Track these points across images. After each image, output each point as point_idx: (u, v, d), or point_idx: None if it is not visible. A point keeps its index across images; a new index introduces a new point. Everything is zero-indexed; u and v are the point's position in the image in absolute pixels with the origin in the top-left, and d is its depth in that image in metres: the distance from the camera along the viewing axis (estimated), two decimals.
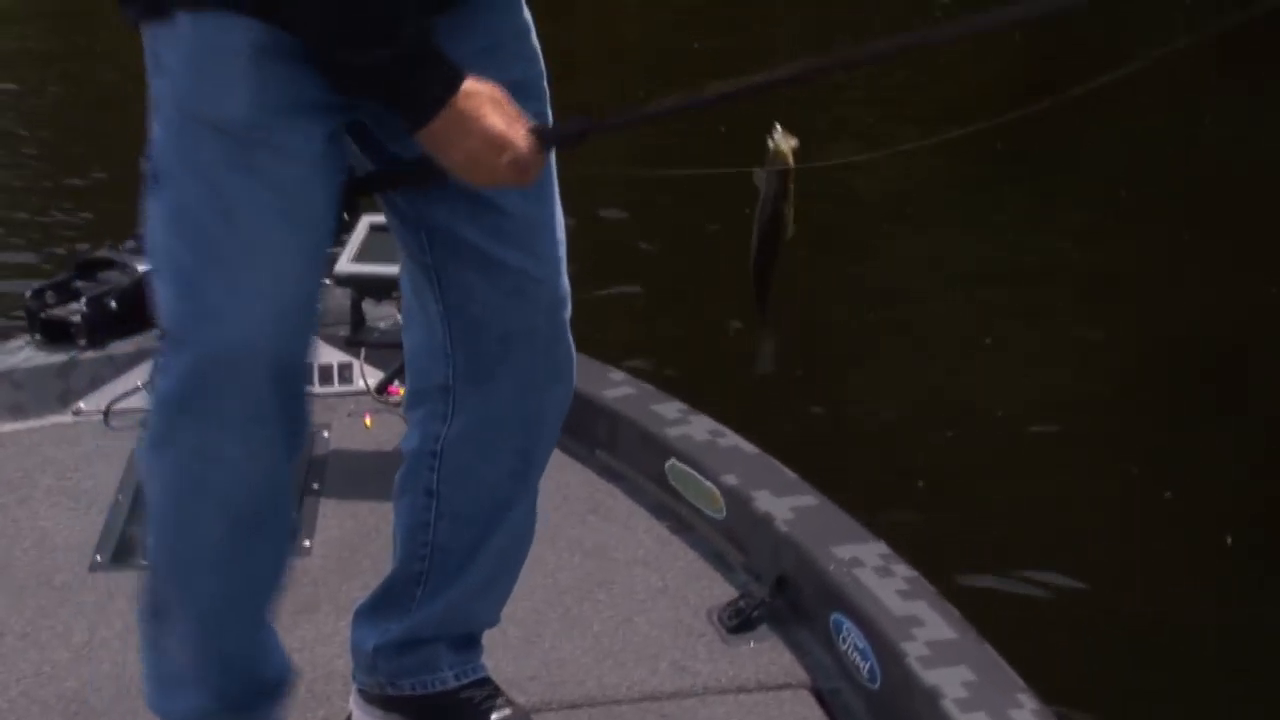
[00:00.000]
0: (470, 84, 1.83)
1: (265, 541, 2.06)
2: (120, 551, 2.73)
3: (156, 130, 1.93)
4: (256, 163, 1.90)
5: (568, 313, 2.17)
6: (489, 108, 1.84)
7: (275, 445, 2.00)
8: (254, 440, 1.96)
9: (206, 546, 2.02)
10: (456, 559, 2.21)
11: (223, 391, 1.92)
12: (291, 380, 1.99)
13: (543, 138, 1.92)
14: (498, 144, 1.83)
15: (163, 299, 1.93)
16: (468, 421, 2.16)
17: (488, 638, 2.28)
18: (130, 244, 3.40)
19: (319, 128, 1.96)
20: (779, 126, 1.93)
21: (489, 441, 2.18)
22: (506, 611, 2.26)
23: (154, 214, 1.93)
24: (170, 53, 1.92)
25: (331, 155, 1.98)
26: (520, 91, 1.96)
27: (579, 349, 2.22)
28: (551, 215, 2.15)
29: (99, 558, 2.70)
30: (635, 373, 3.22)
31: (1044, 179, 5.90)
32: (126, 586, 2.52)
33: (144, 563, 2.07)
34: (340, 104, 1.96)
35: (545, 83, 2.10)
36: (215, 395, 1.92)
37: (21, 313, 3.37)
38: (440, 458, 2.16)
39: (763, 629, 2.43)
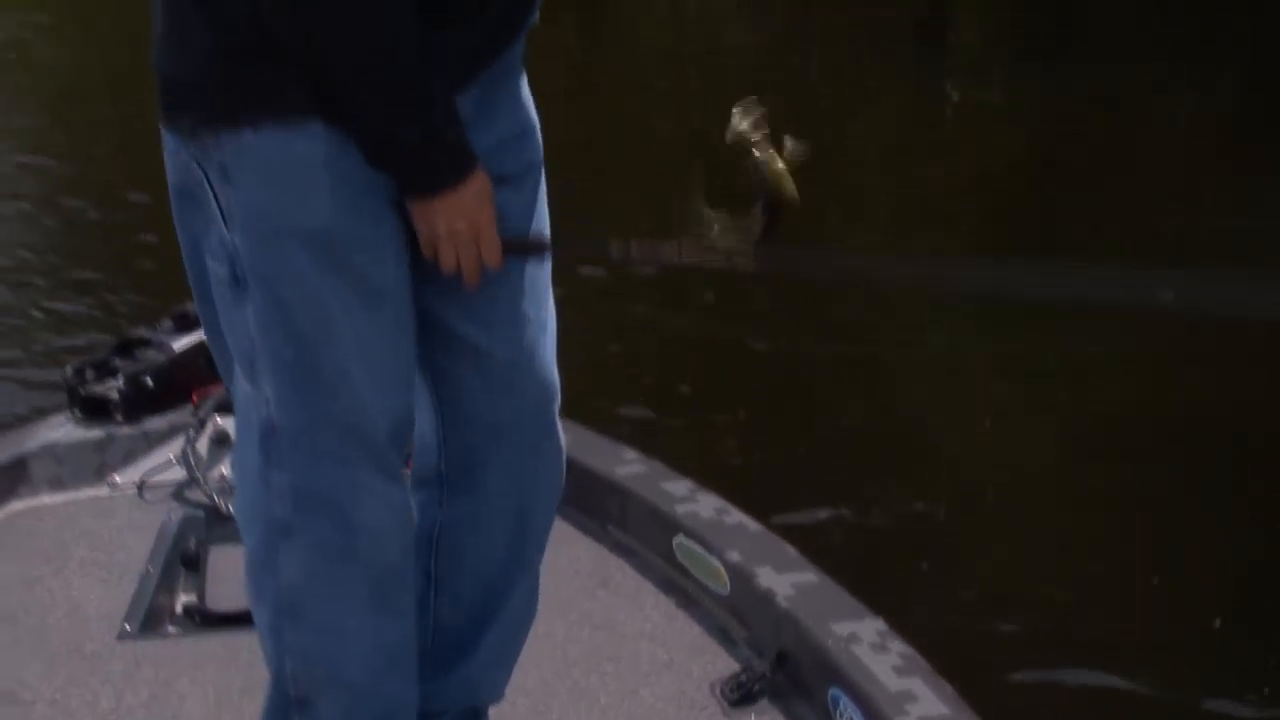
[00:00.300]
0: (479, 175, 1.89)
1: (406, 591, 2.08)
2: (148, 620, 2.74)
3: (234, 239, 1.94)
4: (342, 262, 1.93)
5: (557, 406, 2.18)
6: (485, 201, 1.91)
7: (404, 494, 2.05)
8: (388, 497, 2.01)
9: (354, 614, 2.03)
10: (458, 638, 2.20)
11: (349, 463, 1.97)
12: (407, 436, 2.06)
13: (508, 246, 1.98)
14: (477, 237, 1.91)
15: (272, 396, 1.96)
16: (461, 508, 2.16)
17: (496, 710, 2.27)
18: (166, 324, 3.42)
19: (391, 219, 1.98)
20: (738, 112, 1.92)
21: (482, 528, 2.18)
22: (515, 683, 2.25)
23: (246, 318, 1.96)
24: (241, 164, 1.92)
25: (403, 242, 2.00)
26: (520, 184, 2.04)
27: (593, 425, 2.22)
28: (542, 310, 2.16)
29: (128, 627, 2.70)
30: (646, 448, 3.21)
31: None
32: (153, 655, 2.57)
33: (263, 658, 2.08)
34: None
35: (543, 177, 2.13)
36: (342, 470, 1.97)
37: (63, 389, 3.37)
38: (436, 542, 2.15)
39: (763, 703, 2.42)
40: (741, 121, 1.89)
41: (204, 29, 1.92)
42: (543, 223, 2.17)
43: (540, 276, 2.15)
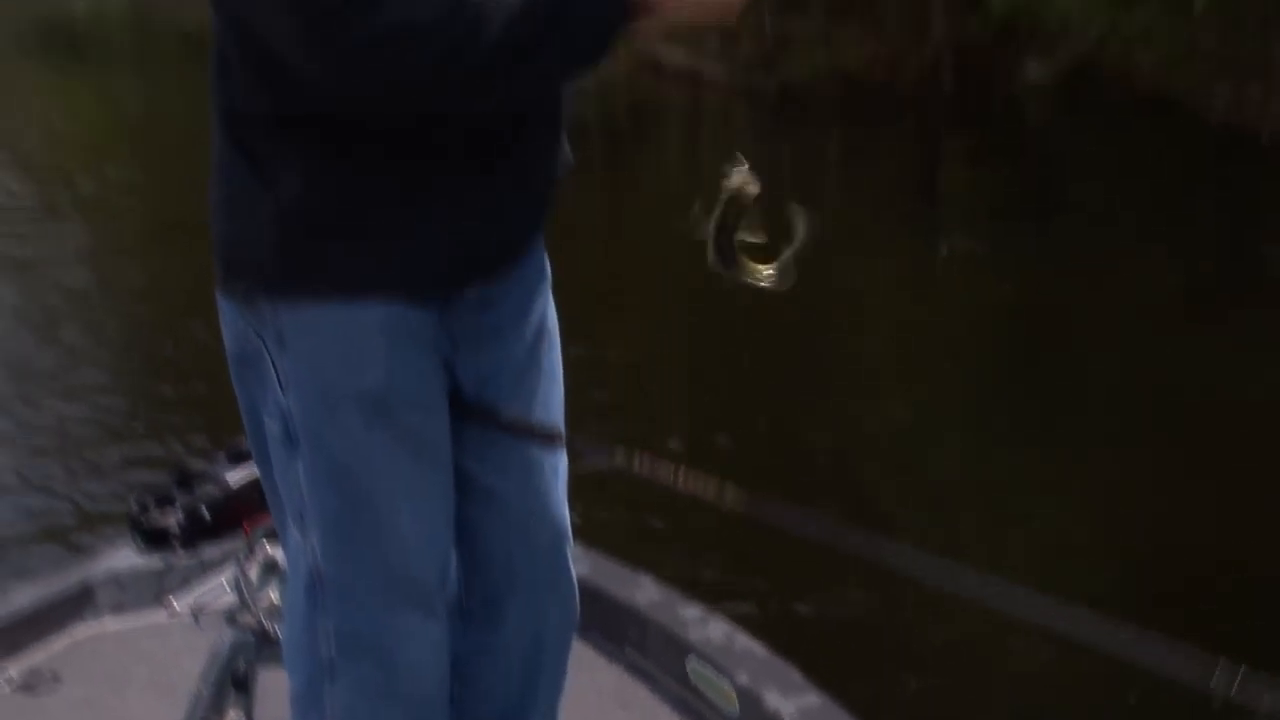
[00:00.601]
0: None
1: (442, 712, 2.09)
2: None
3: (288, 401, 1.95)
4: (393, 419, 1.94)
5: (569, 547, 2.18)
6: None
7: (444, 628, 2.05)
8: (430, 634, 2.02)
9: None
10: None
11: (393, 608, 1.99)
12: (449, 573, 2.07)
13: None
14: None
15: (319, 547, 1.98)
16: (481, 638, 2.16)
17: None
18: (221, 457, 3.40)
19: (438, 374, 2.00)
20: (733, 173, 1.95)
21: (499, 657, 2.18)
22: None
23: (297, 473, 1.97)
24: (298, 333, 1.94)
25: (445, 394, 2.01)
26: (535, 355, 2.09)
27: (611, 543, 2.23)
28: (555, 455, 2.16)
29: None
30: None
31: (1046, 402, 5.86)
32: None
33: None
34: (445, 349, 2.00)
35: (558, 350, 2.17)
36: (386, 615, 1.99)
37: (127, 520, 3.43)
38: (457, 669, 2.14)
39: None
40: (733, 178, 1.93)
41: (262, 201, 1.93)
42: (555, 397, 2.17)
43: (553, 419, 2.15)
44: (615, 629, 3.02)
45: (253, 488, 3.24)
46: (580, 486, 2.19)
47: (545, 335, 2.14)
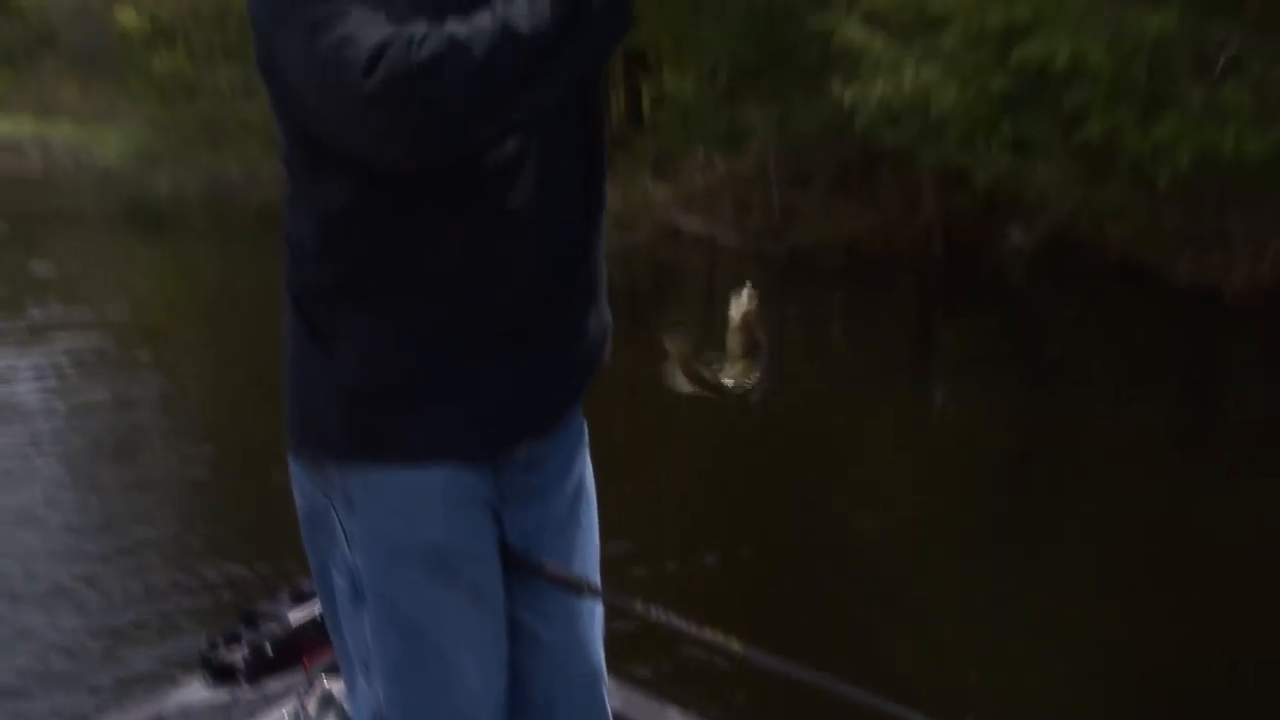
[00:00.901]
0: None
1: None
2: None
3: (355, 558, 1.95)
4: (453, 572, 1.94)
5: (605, 684, 2.17)
6: None
7: None
8: None
9: None
10: None
11: None
12: (502, 716, 2.03)
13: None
14: None
15: (383, 694, 1.97)
16: None
17: None
18: (284, 597, 3.52)
19: (491, 529, 1.99)
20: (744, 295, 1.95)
21: None
22: None
23: (363, 625, 1.97)
24: (365, 497, 1.94)
25: (497, 546, 2.01)
26: (575, 514, 2.11)
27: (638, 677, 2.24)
28: (593, 603, 2.15)
29: None
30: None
31: (1033, 541, 5.87)
32: None
33: None
34: (496, 505, 2.00)
35: (594, 508, 2.18)
36: None
37: (197, 656, 3.47)
38: None
39: None
40: (735, 306, 1.94)
41: (326, 374, 1.94)
42: (592, 551, 2.17)
43: (590, 572, 2.15)
44: None
45: (312, 626, 3.33)
46: (610, 630, 2.20)
47: (584, 493, 2.14)
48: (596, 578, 2.15)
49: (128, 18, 19.72)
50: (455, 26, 1.63)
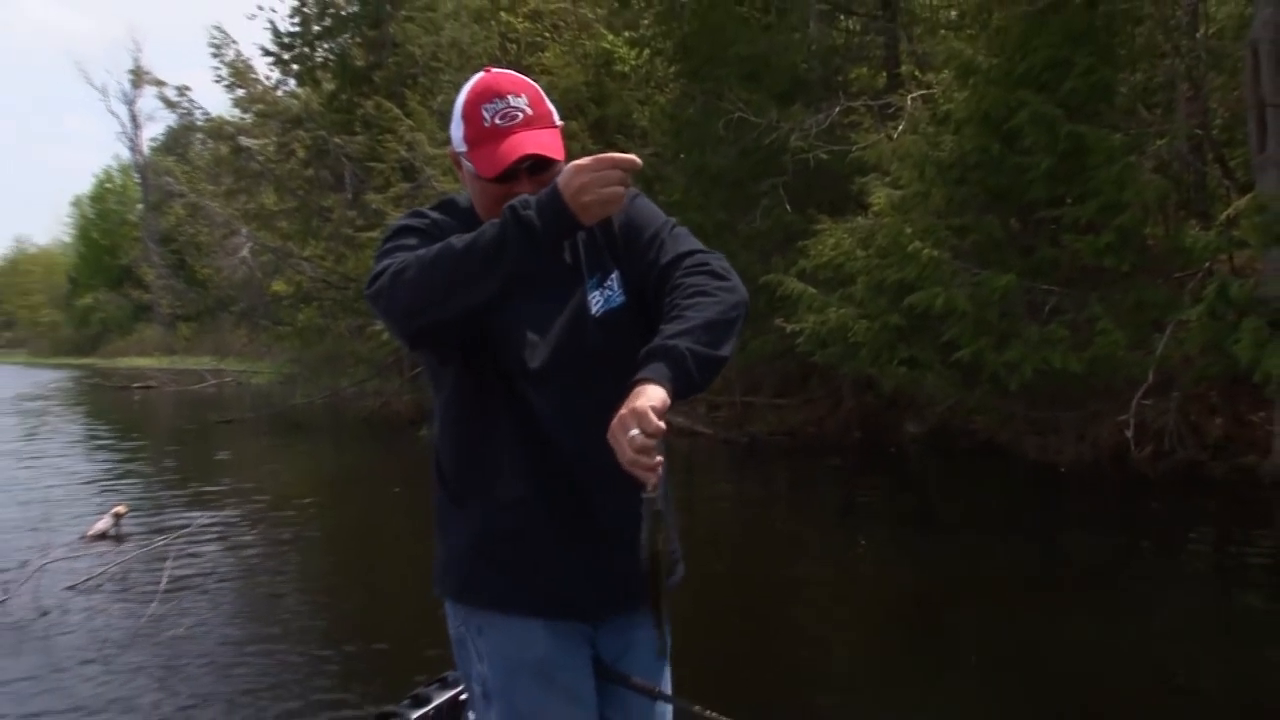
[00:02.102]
0: (561, 180, 1.68)
1: None
2: None
3: (484, 670, 1.91)
4: (554, 681, 1.89)
5: None
6: (575, 175, 1.68)
7: None
8: None
9: None
10: None
11: None
12: None
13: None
14: (596, 180, 1.67)
15: None
16: None
17: None
18: (407, 702, 3.19)
19: (585, 649, 1.94)
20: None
21: None
22: None
23: (489, 716, 1.93)
24: (487, 626, 1.90)
25: (590, 660, 1.93)
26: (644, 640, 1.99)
27: None
28: (665, 706, 2.07)
29: None
30: None
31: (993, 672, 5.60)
32: None
33: None
34: (590, 634, 1.93)
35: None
36: None
37: None
38: None
39: None
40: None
41: (447, 538, 1.93)
42: (665, 667, 2.04)
43: (663, 682, 2.06)
44: None
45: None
46: None
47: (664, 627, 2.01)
48: (668, 687, 2.07)
49: (279, 285, 20.30)
50: (419, 253, 1.69)
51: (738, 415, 15.68)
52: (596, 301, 1.88)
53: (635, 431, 1.59)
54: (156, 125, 77.02)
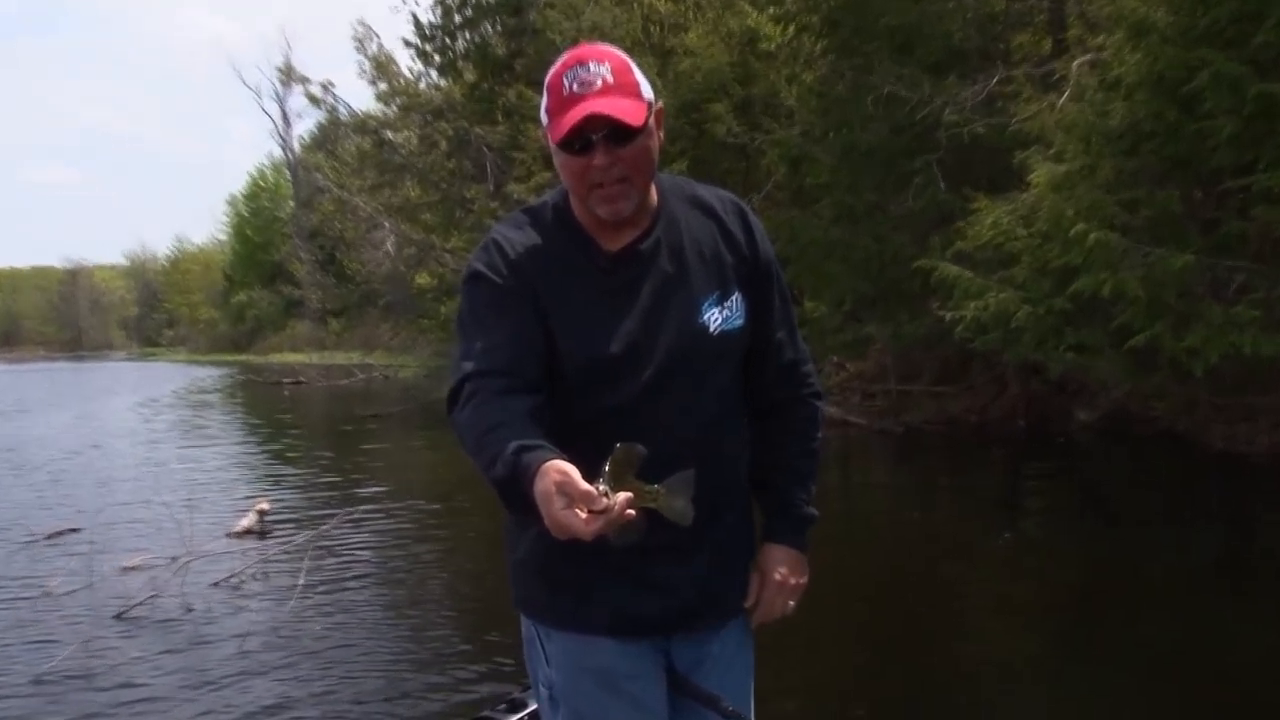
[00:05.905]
0: (539, 480, 1.53)
1: None
2: None
3: (551, 673, 1.94)
4: (619, 687, 1.90)
5: None
6: (551, 498, 1.51)
7: None
8: None
9: None
10: None
11: None
12: None
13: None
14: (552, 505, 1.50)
15: None
16: None
17: None
18: (502, 706, 3.25)
19: (651, 655, 1.95)
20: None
21: None
22: None
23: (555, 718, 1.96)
24: (554, 634, 1.94)
25: (662, 669, 1.96)
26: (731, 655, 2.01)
27: None
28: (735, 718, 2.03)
29: None
30: None
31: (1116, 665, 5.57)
32: None
33: None
34: (663, 644, 1.95)
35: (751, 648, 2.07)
36: None
37: None
38: None
39: None
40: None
41: (515, 553, 1.96)
42: (747, 688, 2.04)
43: (741, 701, 2.03)
44: None
45: None
46: None
47: (744, 641, 2.05)
48: (749, 706, 2.04)
49: (423, 279, 20.97)
50: (479, 410, 1.69)
51: (893, 404, 15.52)
52: (714, 319, 1.86)
53: (792, 604, 2.01)
54: (307, 122, 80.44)
